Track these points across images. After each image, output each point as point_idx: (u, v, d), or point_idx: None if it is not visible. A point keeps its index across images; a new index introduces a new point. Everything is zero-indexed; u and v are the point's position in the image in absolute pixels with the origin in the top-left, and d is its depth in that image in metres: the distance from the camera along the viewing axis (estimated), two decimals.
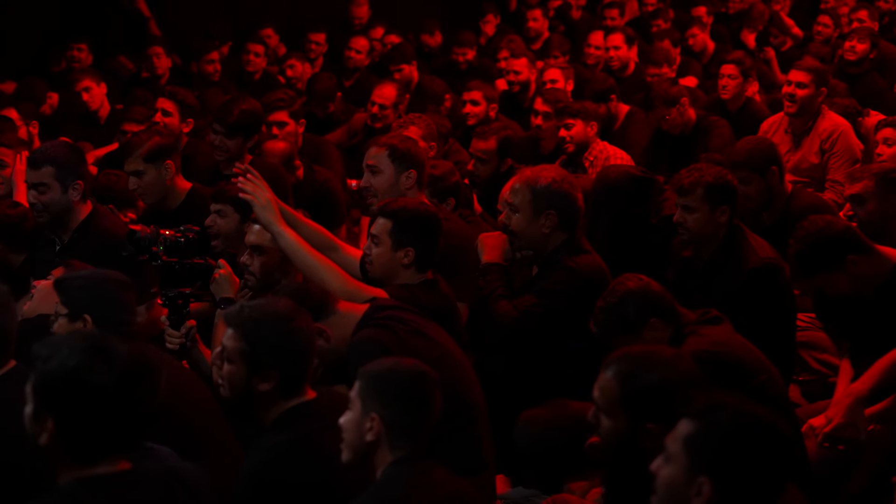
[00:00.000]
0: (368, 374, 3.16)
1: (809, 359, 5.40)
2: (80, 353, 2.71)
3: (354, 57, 9.65)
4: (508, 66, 8.62)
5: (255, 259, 4.49)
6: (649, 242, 5.27)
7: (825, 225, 4.47)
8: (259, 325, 3.33)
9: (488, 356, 4.48)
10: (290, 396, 3.36)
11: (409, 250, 4.25)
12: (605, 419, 3.20)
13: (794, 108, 6.85)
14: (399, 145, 4.94)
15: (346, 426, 3.15)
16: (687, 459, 2.59)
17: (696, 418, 2.61)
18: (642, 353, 3.26)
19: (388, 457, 3.12)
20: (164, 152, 5.43)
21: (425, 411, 3.16)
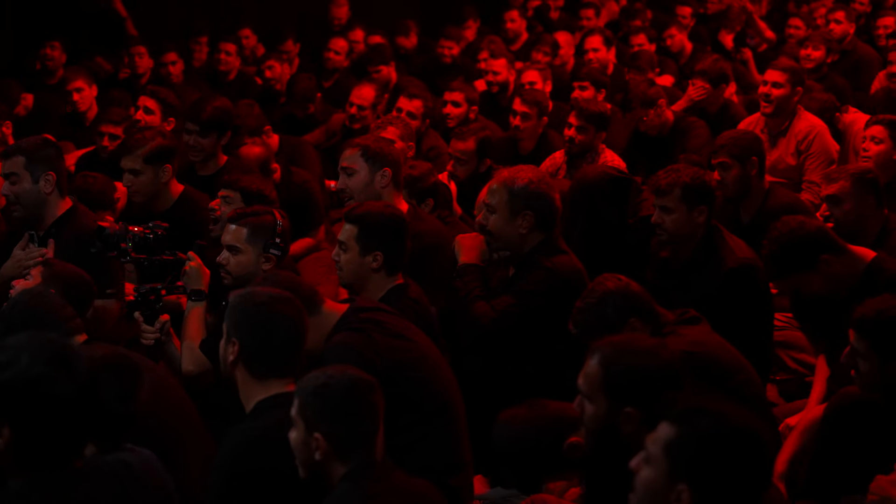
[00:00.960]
0: (304, 393, 3.15)
1: (787, 358, 5.43)
2: (41, 363, 2.68)
3: (333, 58, 9.63)
4: (488, 67, 8.63)
5: (231, 258, 4.49)
6: (627, 243, 5.29)
7: (797, 225, 4.50)
8: (237, 299, 3.47)
9: (465, 356, 4.48)
10: (263, 381, 3.39)
11: (377, 254, 4.24)
12: (588, 405, 3.24)
13: (770, 108, 6.88)
14: (372, 145, 4.96)
15: (295, 446, 3.16)
16: (667, 465, 2.59)
17: (678, 423, 2.61)
18: (625, 340, 3.35)
19: (340, 469, 3.12)
20: (166, 155, 5.40)
21: (368, 419, 3.15)
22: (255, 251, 4.46)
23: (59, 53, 9.06)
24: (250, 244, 4.47)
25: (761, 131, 6.93)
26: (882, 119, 6.22)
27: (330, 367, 3.25)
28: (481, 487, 4.35)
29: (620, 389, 3.18)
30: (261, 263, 4.46)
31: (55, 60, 9.04)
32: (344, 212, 4.71)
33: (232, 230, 4.49)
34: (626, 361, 3.22)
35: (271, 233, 4.49)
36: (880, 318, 3.77)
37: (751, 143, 5.72)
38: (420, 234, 4.88)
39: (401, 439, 3.73)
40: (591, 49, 9.22)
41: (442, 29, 10.45)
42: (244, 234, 4.46)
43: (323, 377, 3.16)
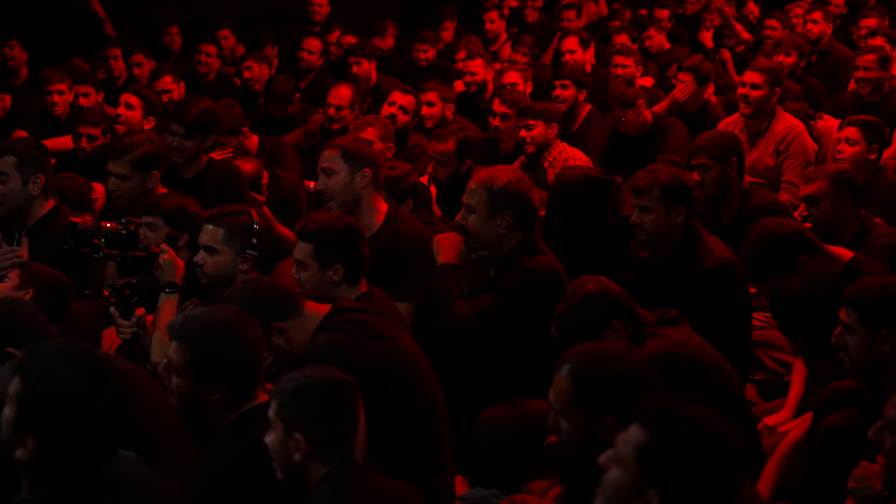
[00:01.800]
0: (282, 394, 3.13)
1: (765, 358, 5.45)
2: (78, 380, 2.65)
3: (307, 58, 9.60)
4: (465, 68, 8.63)
5: (207, 259, 4.48)
6: (606, 243, 5.30)
7: (775, 228, 4.53)
8: (203, 336, 3.32)
9: (445, 356, 4.48)
10: (241, 402, 3.35)
11: (337, 267, 4.20)
12: (563, 421, 3.21)
13: (749, 109, 6.91)
14: (352, 146, 4.95)
15: (273, 448, 3.13)
16: (638, 470, 2.58)
17: (650, 428, 2.59)
18: (592, 350, 3.27)
19: (319, 470, 3.10)
20: (154, 162, 5.36)
21: (347, 419, 3.14)
22: (231, 252, 4.46)
23: (20, 52, 8.99)
24: (227, 245, 4.47)
25: (740, 132, 6.96)
26: (855, 120, 6.26)
27: (308, 368, 3.24)
28: (462, 488, 4.36)
29: (595, 401, 3.15)
30: (238, 264, 4.47)
31: (16, 60, 8.97)
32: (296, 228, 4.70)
33: (209, 231, 4.49)
34: (596, 371, 3.17)
35: (248, 233, 4.48)
36: (870, 289, 3.82)
37: (730, 144, 5.74)
38: (400, 233, 4.88)
39: (384, 440, 3.73)
40: (567, 51, 9.24)
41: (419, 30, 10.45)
42: (221, 235, 4.46)
43: (301, 378, 3.15)
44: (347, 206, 4.88)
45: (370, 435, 3.30)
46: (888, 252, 4.89)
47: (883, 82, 7.78)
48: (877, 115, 7.05)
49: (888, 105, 7.69)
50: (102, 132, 6.77)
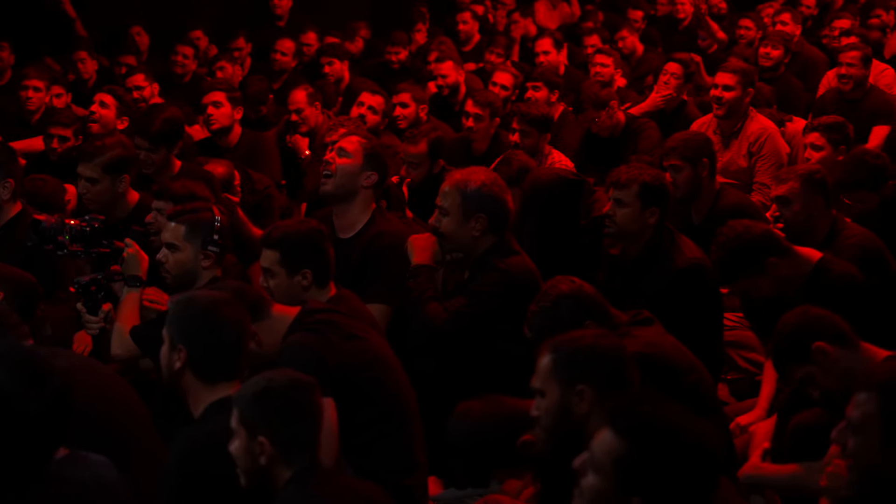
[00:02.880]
0: (244, 399, 3.13)
1: (737, 357, 5.47)
2: (14, 379, 2.64)
3: (280, 59, 9.58)
4: (436, 70, 8.63)
5: (170, 256, 4.49)
6: (579, 244, 5.31)
7: (744, 230, 4.56)
8: (181, 304, 3.43)
9: (418, 357, 4.48)
10: (212, 385, 3.36)
11: (305, 272, 4.17)
12: (542, 400, 3.27)
13: (722, 110, 6.95)
14: (376, 146, 5.00)
15: (237, 454, 3.13)
16: (617, 479, 2.59)
17: (626, 437, 2.60)
18: (571, 333, 3.41)
19: (285, 472, 3.10)
20: (124, 165, 5.31)
21: (310, 419, 3.14)
22: (193, 248, 4.46)
23: (8, 55, 8.96)
24: (189, 241, 4.47)
25: (713, 133, 6.99)
26: (818, 125, 6.30)
27: (268, 372, 3.23)
28: (435, 488, 4.36)
29: (570, 369, 3.23)
30: (200, 261, 4.47)
31: (3, 61, 8.94)
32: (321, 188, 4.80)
33: (170, 228, 4.50)
34: (575, 345, 3.29)
35: (209, 230, 4.49)
36: None
37: (702, 146, 5.77)
38: (382, 234, 4.88)
39: (356, 440, 3.73)
40: (541, 52, 9.26)
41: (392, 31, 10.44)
42: (182, 232, 4.47)
43: (262, 382, 3.15)
44: (342, 190, 4.90)
45: (342, 435, 3.30)
46: (858, 252, 4.92)
47: (865, 80, 7.83)
48: (857, 113, 7.12)
49: (868, 103, 7.74)
50: (74, 133, 6.74)
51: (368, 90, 7.36)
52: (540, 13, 12.24)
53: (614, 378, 3.25)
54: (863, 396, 2.96)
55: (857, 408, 2.97)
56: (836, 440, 3.09)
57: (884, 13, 10.62)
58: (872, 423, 2.94)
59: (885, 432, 2.92)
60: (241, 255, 5.04)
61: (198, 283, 4.42)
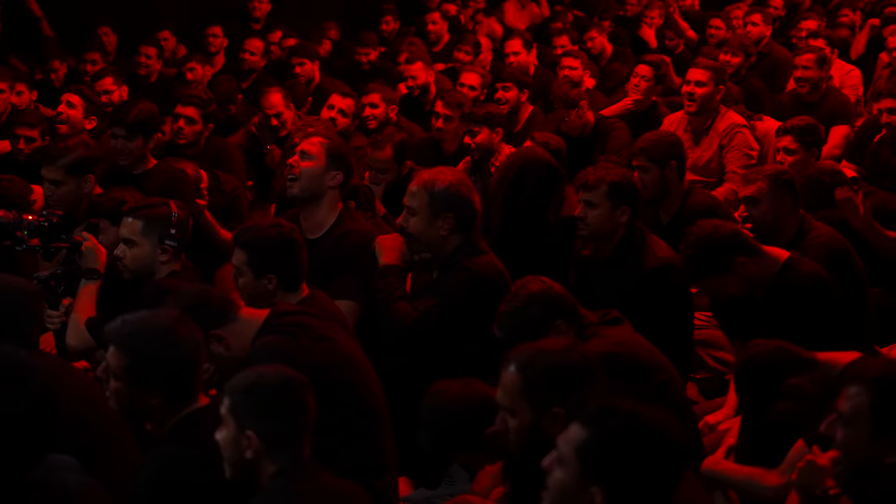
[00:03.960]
0: (235, 391, 3.11)
1: (706, 356, 5.50)
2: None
3: (249, 59, 9.54)
4: (406, 71, 8.63)
5: (127, 251, 4.51)
6: (548, 244, 5.33)
7: (713, 230, 4.59)
8: (139, 341, 3.29)
9: (387, 358, 4.48)
10: (181, 405, 3.33)
11: (270, 277, 4.16)
12: (511, 419, 3.22)
13: (693, 106, 6.98)
14: (338, 145, 4.98)
15: (224, 445, 3.12)
16: (579, 467, 2.60)
17: (589, 425, 2.62)
18: (537, 345, 3.32)
19: (271, 467, 3.10)
20: (88, 166, 5.29)
21: (299, 417, 3.14)
22: (150, 243, 4.50)
23: None
24: (145, 236, 4.51)
25: (685, 130, 7.03)
26: (790, 128, 6.34)
27: (261, 366, 3.23)
28: (406, 489, 4.36)
29: (543, 391, 3.17)
30: (157, 255, 4.50)
31: None
32: (288, 192, 4.82)
33: (127, 223, 4.53)
34: (543, 363, 3.20)
35: (166, 224, 4.50)
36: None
37: (670, 147, 5.79)
38: (350, 232, 4.87)
39: (326, 441, 3.70)
40: (511, 52, 9.28)
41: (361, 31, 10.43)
42: (139, 227, 4.50)
43: (254, 375, 3.14)
44: (308, 193, 4.88)
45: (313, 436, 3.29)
46: (825, 252, 4.95)
47: (821, 82, 7.90)
48: (815, 115, 7.17)
49: (826, 104, 7.82)
50: (41, 134, 6.70)
51: (339, 92, 7.35)
52: (509, 13, 12.27)
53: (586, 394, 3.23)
54: (853, 389, 2.99)
55: (847, 401, 3.00)
56: (826, 432, 3.10)
57: (851, 13, 10.70)
58: (863, 415, 2.97)
59: (875, 425, 2.96)
60: (208, 257, 5.04)
61: (156, 277, 4.47)
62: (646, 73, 7.97)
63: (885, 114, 6.79)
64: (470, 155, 6.75)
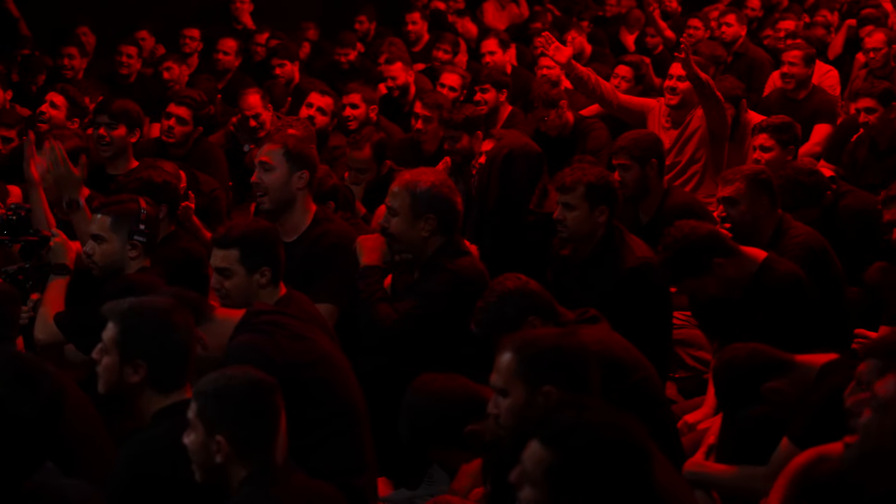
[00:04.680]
0: (204, 395, 3.09)
1: (685, 356, 5.52)
2: (6, 382, 2.62)
3: (223, 59, 9.51)
4: (385, 72, 8.62)
5: (96, 248, 4.52)
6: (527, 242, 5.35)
7: (690, 231, 4.61)
8: (133, 315, 3.34)
9: (367, 358, 4.48)
10: (166, 393, 3.32)
11: (264, 270, 4.16)
12: (503, 400, 3.24)
13: (675, 99, 7.00)
14: (295, 145, 4.91)
15: (193, 449, 3.10)
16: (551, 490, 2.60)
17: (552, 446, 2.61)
18: (533, 331, 3.40)
19: (241, 471, 3.08)
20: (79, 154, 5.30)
21: (269, 420, 3.12)
22: (119, 239, 4.51)
23: None
24: (114, 232, 4.52)
25: (665, 120, 7.06)
26: (766, 126, 6.36)
27: (230, 369, 3.21)
28: (385, 489, 4.36)
29: (537, 369, 3.20)
30: (127, 251, 4.51)
31: None
32: (261, 206, 4.80)
33: (96, 219, 4.54)
34: (540, 344, 3.25)
35: (135, 220, 4.52)
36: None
37: (651, 145, 5.82)
38: (327, 233, 4.86)
39: (304, 440, 3.71)
40: (487, 52, 9.29)
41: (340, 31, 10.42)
42: (108, 223, 4.51)
43: (223, 379, 3.12)
44: (280, 204, 4.85)
45: (290, 435, 3.28)
46: (803, 252, 4.98)
47: (808, 79, 7.95)
48: (800, 112, 7.21)
49: (811, 103, 7.86)
50: (18, 134, 6.67)
51: (317, 91, 7.34)
52: (488, 13, 12.29)
53: (578, 379, 3.24)
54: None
55: (888, 387, 2.93)
56: (853, 408, 3.06)
57: (828, 14, 10.76)
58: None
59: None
60: None
61: (126, 272, 4.49)
62: (626, 73, 8.01)
63: (862, 113, 6.82)
64: (453, 160, 6.73)
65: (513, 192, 5.42)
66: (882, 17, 10.08)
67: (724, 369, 3.98)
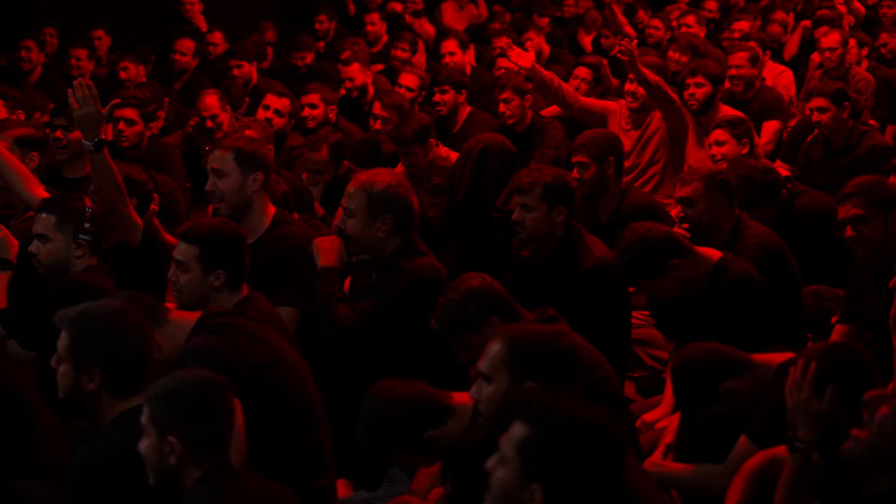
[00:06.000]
0: (155, 398, 3.08)
1: (643, 355, 5.54)
2: None
3: (180, 59, 9.44)
4: (343, 73, 8.60)
5: (41, 247, 4.51)
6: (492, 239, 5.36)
7: (645, 233, 4.63)
8: (83, 322, 3.31)
9: (326, 360, 4.47)
10: (124, 398, 3.30)
11: (219, 273, 4.14)
12: (486, 386, 3.28)
13: (636, 104, 7.04)
14: (245, 148, 4.87)
15: (146, 453, 3.09)
16: (520, 464, 2.62)
17: (530, 422, 2.64)
18: (528, 325, 3.45)
19: (195, 472, 3.07)
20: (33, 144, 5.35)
21: (221, 420, 3.11)
22: (64, 238, 4.50)
23: None
24: (59, 231, 4.51)
25: (626, 122, 7.09)
26: (720, 122, 6.46)
27: (180, 371, 3.20)
28: (345, 491, 4.35)
29: (523, 363, 3.24)
30: (72, 250, 4.50)
31: None
32: (218, 213, 4.73)
33: (41, 219, 4.52)
34: (530, 339, 3.29)
35: (80, 219, 4.51)
36: None
37: (609, 144, 5.85)
38: (286, 236, 4.83)
39: (262, 442, 3.70)
40: (447, 53, 9.29)
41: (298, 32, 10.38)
42: (52, 222, 4.50)
43: (173, 381, 3.11)
44: (237, 209, 4.82)
45: (248, 437, 3.27)
46: (760, 252, 5.01)
47: (754, 80, 8.03)
48: (748, 112, 7.29)
49: (758, 101, 7.95)
50: None
51: (274, 92, 7.30)
52: (447, 14, 12.29)
53: (563, 379, 3.27)
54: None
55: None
56: (871, 402, 3.04)
57: (784, 15, 10.85)
58: None
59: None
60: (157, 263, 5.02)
61: (72, 271, 4.47)
62: (585, 75, 8.04)
63: (815, 113, 6.90)
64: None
65: (482, 187, 5.43)
66: (837, 18, 10.17)
67: (682, 369, 4.01)
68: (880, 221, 4.88)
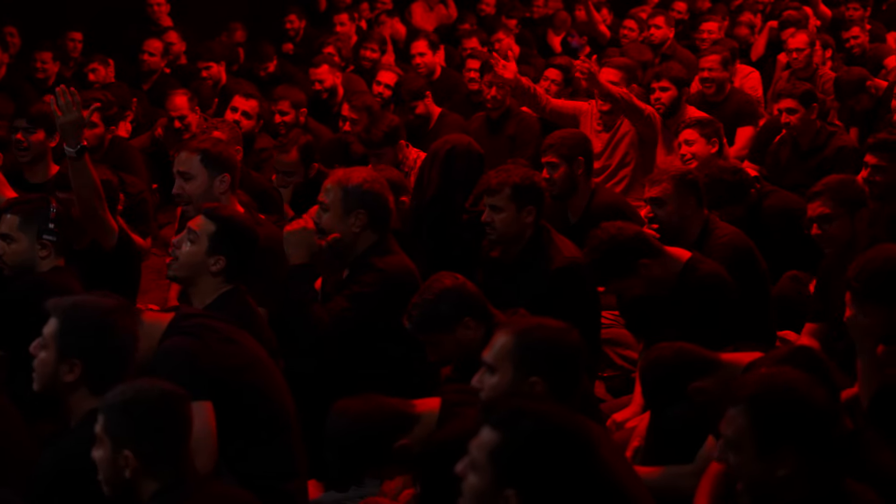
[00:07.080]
0: (110, 410, 3.02)
1: (613, 355, 5.55)
2: None
3: (148, 59, 9.40)
4: (311, 76, 8.57)
5: (6, 248, 4.51)
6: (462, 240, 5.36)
7: (616, 232, 4.64)
8: (75, 313, 3.32)
9: (298, 360, 4.46)
10: (100, 394, 3.24)
11: (220, 258, 4.15)
12: (490, 377, 3.27)
13: (606, 106, 7.05)
14: (211, 149, 4.86)
15: (101, 465, 3.04)
16: (492, 471, 2.62)
17: (499, 428, 2.63)
18: (537, 319, 3.44)
19: (151, 485, 3.01)
20: None
21: (178, 432, 3.05)
22: (28, 239, 4.50)
23: None
24: (23, 232, 4.51)
25: (598, 123, 7.11)
26: (689, 122, 6.50)
27: (136, 381, 3.15)
28: (315, 492, 4.34)
29: (529, 357, 3.23)
30: (37, 251, 4.49)
31: None
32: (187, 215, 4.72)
33: (6, 219, 4.51)
34: (539, 334, 3.28)
35: (45, 219, 4.50)
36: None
37: (578, 144, 5.86)
38: None
39: (234, 444, 3.69)
40: (417, 53, 9.28)
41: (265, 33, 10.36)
42: (16, 223, 4.50)
43: (130, 392, 3.05)
44: None
45: (220, 439, 3.26)
46: (729, 252, 5.02)
47: (725, 82, 8.07)
48: (719, 114, 7.32)
49: (730, 104, 7.99)
50: None
51: (241, 94, 7.25)
52: (417, 14, 12.29)
53: (566, 377, 3.28)
54: (733, 412, 2.94)
55: (729, 424, 2.95)
56: (719, 459, 3.09)
57: (751, 16, 10.91)
58: (746, 436, 2.91)
59: (759, 443, 2.89)
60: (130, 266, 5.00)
61: (37, 271, 4.46)
62: (556, 76, 8.04)
63: (783, 114, 6.94)
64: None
65: (450, 188, 5.44)
66: (803, 19, 10.23)
67: (650, 369, 4.02)
68: (846, 221, 4.92)
